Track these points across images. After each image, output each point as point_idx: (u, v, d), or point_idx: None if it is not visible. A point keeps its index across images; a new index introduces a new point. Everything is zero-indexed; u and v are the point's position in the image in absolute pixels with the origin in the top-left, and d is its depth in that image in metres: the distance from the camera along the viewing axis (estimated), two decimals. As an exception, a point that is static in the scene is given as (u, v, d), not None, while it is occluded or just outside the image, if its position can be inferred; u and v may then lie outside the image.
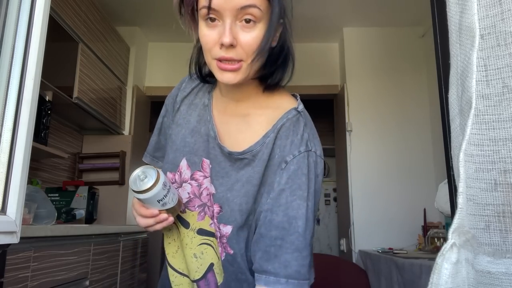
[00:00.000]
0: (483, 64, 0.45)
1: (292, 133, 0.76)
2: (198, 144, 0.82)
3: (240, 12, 0.69)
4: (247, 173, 0.76)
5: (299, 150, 0.75)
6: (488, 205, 0.46)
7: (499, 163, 0.45)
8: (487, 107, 0.45)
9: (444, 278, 0.42)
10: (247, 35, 0.70)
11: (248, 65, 0.72)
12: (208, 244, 0.79)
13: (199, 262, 0.79)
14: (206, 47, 0.73)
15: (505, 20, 0.44)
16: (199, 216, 0.81)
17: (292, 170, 0.74)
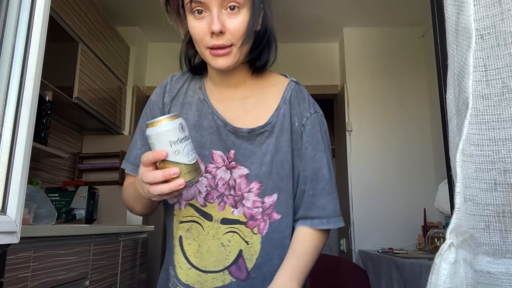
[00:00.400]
0: (483, 64, 0.45)
1: (301, 100, 0.88)
2: (204, 137, 0.85)
3: (224, 0, 0.75)
4: (271, 144, 0.83)
5: (310, 112, 0.88)
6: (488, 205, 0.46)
7: (499, 163, 0.45)
8: (487, 107, 0.45)
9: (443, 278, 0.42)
10: (234, 21, 0.76)
11: (238, 49, 0.78)
12: (233, 232, 0.83)
13: (228, 250, 0.82)
14: (198, 37, 0.78)
15: (505, 20, 0.44)
16: (219, 207, 0.83)
17: (308, 129, 0.86)
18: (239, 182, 0.83)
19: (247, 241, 0.82)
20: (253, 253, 0.82)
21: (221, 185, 0.83)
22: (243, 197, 0.83)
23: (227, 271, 0.81)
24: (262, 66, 0.88)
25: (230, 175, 0.83)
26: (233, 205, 0.83)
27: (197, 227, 0.84)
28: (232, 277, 0.81)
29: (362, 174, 3.24)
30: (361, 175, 3.23)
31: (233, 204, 0.83)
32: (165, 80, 0.96)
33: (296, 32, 3.58)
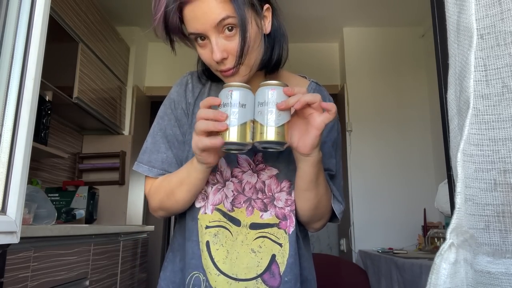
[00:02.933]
0: (483, 64, 0.45)
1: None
2: None
3: (218, 26, 0.74)
4: None
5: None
6: (488, 205, 0.46)
7: (498, 163, 0.45)
8: (487, 107, 0.45)
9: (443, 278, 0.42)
10: (233, 43, 0.76)
11: (246, 65, 0.78)
12: (264, 237, 0.81)
13: (259, 256, 0.80)
14: (207, 63, 0.81)
15: (505, 20, 0.44)
16: (247, 212, 0.82)
17: (329, 127, 0.87)
18: (268, 184, 0.82)
19: (280, 244, 0.80)
20: (285, 255, 0.80)
21: (248, 189, 0.82)
22: (274, 197, 0.82)
23: (260, 279, 0.79)
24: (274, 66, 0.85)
25: (257, 178, 0.83)
26: (261, 209, 0.82)
27: (224, 232, 0.81)
28: (266, 285, 0.78)
29: (362, 174, 3.24)
30: (361, 175, 3.23)
31: (262, 208, 0.82)
32: (184, 78, 0.93)
33: (296, 32, 3.58)
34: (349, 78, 3.44)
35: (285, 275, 0.79)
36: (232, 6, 0.74)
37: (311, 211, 0.81)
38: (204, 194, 0.84)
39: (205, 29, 0.75)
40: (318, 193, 0.79)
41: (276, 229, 0.81)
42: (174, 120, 0.90)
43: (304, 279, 0.86)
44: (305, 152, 0.72)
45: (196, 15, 0.74)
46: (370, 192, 3.20)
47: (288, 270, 0.79)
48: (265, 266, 0.79)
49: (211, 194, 0.83)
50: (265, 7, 0.80)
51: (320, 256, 3.17)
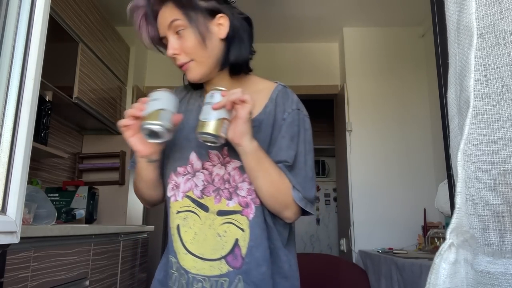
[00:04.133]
0: (482, 63, 0.45)
1: (285, 100, 0.97)
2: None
3: (170, 28, 0.91)
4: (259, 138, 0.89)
5: (292, 108, 0.96)
6: (488, 205, 0.46)
7: (498, 163, 0.45)
8: (486, 106, 0.45)
9: (442, 278, 0.42)
10: (182, 41, 0.91)
11: (197, 62, 0.92)
12: (229, 223, 0.89)
13: (224, 240, 0.88)
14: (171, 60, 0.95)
15: (504, 19, 0.44)
16: (215, 200, 0.91)
17: (288, 122, 0.94)
18: (233, 174, 0.91)
19: (242, 229, 0.89)
20: (246, 239, 0.88)
21: (217, 180, 0.91)
22: (237, 187, 0.90)
23: (224, 260, 0.87)
24: (234, 68, 0.97)
25: (224, 170, 0.91)
26: (227, 197, 0.90)
27: (193, 216, 0.92)
28: (228, 266, 0.87)
29: (362, 174, 3.24)
30: (361, 175, 3.23)
31: (228, 197, 0.90)
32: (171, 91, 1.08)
33: (296, 32, 3.58)
34: (349, 78, 3.43)
35: (247, 257, 0.87)
36: (180, 12, 0.90)
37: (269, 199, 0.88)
38: (175, 185, 0.95)
39: (163, 32, 0.92)
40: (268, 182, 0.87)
41: (239, 215, 0.89)
42: None
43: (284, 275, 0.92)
44: (236, 141, 0.82)
45: (159, 21, 0.93)
46: (370, 192, 3.20)
47: (249, 253, 0.87)
48: (229, 249, 0.88)
49: (182, 183, 0.94)
50: (218, 16, 0.93)
51: (320, 256, 3.17)
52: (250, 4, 3.13)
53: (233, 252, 0.88)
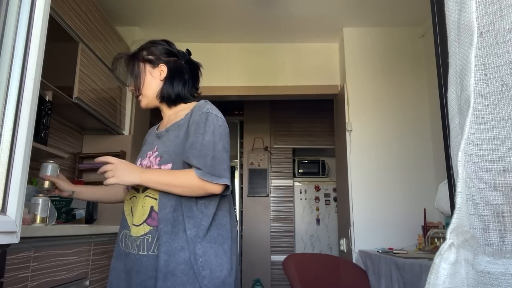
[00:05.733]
0: (482, 62, 0.45)
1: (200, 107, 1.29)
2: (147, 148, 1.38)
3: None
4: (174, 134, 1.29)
5: (203, 110, 1.28)
6: (488, 204, 0.46)
7: (498, 163, 0.44)
8: (486, 106, 0.45)
9: (442, 278, 0.42)
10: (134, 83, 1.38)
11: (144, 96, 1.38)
12: (147, 196, 1.24)
13: (144, 209, 1.23)
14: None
15: (504, 17, 0.44)
16: None
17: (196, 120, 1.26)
18: (152, 161, 1.28)
19: (155, 198, 1.22)
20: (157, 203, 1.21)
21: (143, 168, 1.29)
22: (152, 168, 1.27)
23: (145, 223, 1.22)
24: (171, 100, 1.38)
25: (148, 160, 1.30)
26: None
27: (134, 199, 1.29)
28: (149, 226, 1.21)
29: (362, 174, 3.24)
30: (361, 175, 3.23)
31: None
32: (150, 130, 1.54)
33: (296, 32, 3.58)
34: (349, 78, 3.43)
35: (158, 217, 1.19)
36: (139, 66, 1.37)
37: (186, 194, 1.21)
38: None
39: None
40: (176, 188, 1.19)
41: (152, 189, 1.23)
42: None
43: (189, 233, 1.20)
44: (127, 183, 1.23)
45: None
46: (370, 192, 3.20)
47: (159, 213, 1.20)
48: (147, 215, 1.22)
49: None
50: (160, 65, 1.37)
51: (320, 256, 3.17)
52: (250, 4, 3.13)
53: (150, 216, 1.22)
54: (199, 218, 1.21)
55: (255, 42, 3.71)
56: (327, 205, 5.11)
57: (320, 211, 5.08)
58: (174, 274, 1.14)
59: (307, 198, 5.11)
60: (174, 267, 1.15)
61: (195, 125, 1.25)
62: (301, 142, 5.08)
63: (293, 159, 5.14)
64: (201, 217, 1.21)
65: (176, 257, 1.16)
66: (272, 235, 4.83)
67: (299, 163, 5.21)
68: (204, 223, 1.21)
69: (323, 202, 5.12)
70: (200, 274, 1.15)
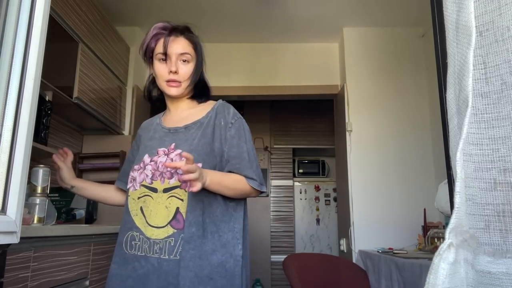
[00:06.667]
0: (482, 61, 0.45)
1: (225, 110, 1.30)
2: (154, 143, 1.29)
3: (180, 55, 1.27)
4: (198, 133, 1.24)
5: (237, 117, 1.30)
6: (488, 204, 0.46)
7: (498, 162, 0.44)
8: (486, 105, 0.44)
9: (441, 278, 0.42)
10: (184, 68, 1.28)
11: (185, 84, 1.28)
12: (172, 196, 1.18)
13: (169, 210, 1.17)
14: (159, 74, 1.28)
15: (503, 15, 0.43)
16: (161, 181, 1.21)
17: (237, 127, 1.27)
18: (174, 159, 1.20)
19: (181, 199, 1.17)
20: (185, 207, 1.16)
21: (160, 166, 1.22)
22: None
23: (169, 225, 1.16)
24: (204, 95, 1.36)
25: (167, 158, 1.22)
26: (169, 177, 1.19)
27: (148, 198, 1.21)
28: (173, 229, 1.15)
29: (362, 174, 3.23)
30: (361, 175, 3.23)
31: (169, 176, 1.19)
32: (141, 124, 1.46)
33: (296, 32, 3.58)
34: (349, 78, 3.43)
35: (187, 220, 1.14)
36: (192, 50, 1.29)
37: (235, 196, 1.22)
38: (132, 178, 1.27)
39: (171, 53, 1.25)
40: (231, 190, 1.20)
41: (178, 189, 1.18)
42: (133, 147, 1.42)
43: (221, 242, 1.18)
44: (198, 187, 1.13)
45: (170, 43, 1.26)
46: (370, 192, 3.20)
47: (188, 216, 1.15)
48: (172, 216, 1.16)
49: (137, 176, 1.25)
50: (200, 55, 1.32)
51: (320, 256, 3.17)
52: (250, 4, 3.13)
53: (175, 218, 1.16)
54: (232, 221, 1.21)
55: (255, 42, 3.71)
56: (327, 205, 5.11)
57: (320, 211, 5.08)
58: (211, 277, 1.12)
59: (307, 198, 5.11)
60: (210, 271, 1.12)
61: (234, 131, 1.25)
62: (301, 142, 5.08)
63: (293, 159, 5.14)
64: (234, 220, 1.22)
65: (209, 260, 1.13)
66: (272, 235, 4.83)
67: (299, 163, 5.21)
68: (237, 225, 1.22)
69: (323, 202, 5.12)
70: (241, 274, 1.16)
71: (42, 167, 1.58)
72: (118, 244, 1.24)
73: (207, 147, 1.22)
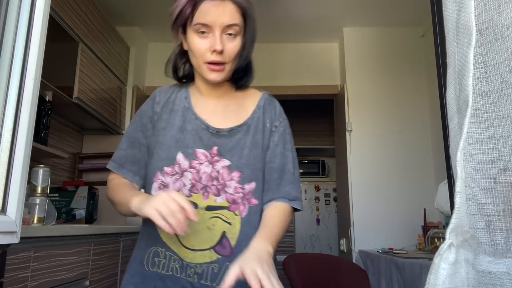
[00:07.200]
0: (482, 60, 0.45)
1: (272, 107, 1.08)
2: (188, 138, 1.01)
3: (226, 28, 0.94)
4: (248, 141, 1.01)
5: (282, 117, 1.08)
6: (488, 204, 0.46)
7: (498, 162, 0.44)
8: (486, 104, 0.44)
9: (442, 278, 0.42)
10: (231, 44, 0.96)
11: (229, 67, 0.98)
12: (217, 217, 0.97)
13: (212, 232, 0.97)
14: (199, 52, 0.95)
15: (502, 13, 0.43)
16: (203, 197, 0.98)
17: (281, 131, 1.06)
18: (222, 173, 0.98)
19: (229, 223, 0.97)
20: (235, 232, 0.97)
21: (204, 177, 0.98)
22: (225, 185, 0.98)
23: (213, 250, 0.96)
24: (244, 84, 1.09)
25: (212, 168, 0.98)
26: (215, 193, 0.98)
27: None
28: (217, 254, 0.96)
29: (362, 174, 3.23)
30: (361, 175, 3.23)
31: (215, 193, 0.98)
32: (154, 93, 1.10)
33: (296, 32, 3.57)
34: (349, 78, 3.43)
35: (235, 248, 0.96)
36: (242, 19, 0.97)
37: None
38: (162, 184, 1.00)
39: (214, 24, 0.92)
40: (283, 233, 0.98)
41: (226, 211, 0.97)
42: (140, 126, 1.07)
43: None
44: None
45: (212, 10, 0.92)
46: (370, 192, 3.20)
47: (237, 245, 0.96)
48: (217, 240, 0.97)
49: (170, 183, 0.99)
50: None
51: (320, 256, 3.17)
52: (250, 4, 3.13)
53: (221, 243, 0.97)
54: None
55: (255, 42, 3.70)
56: (327, 205, 5.11)
57: (320, 211, 5.08)
58: None
59: (307, 198, 5.11)
60: None
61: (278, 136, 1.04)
62: (301, 142, 5.08)
63: (293, 159, 5.14)
64: None
65: None
66: (272, 235, 4.82)
67: (299, 163, 5.21)
68: None
69: (323, 202, 5.12)
70: None
71: (42, 167, 1.58)
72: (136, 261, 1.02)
73: (259, 160, 1.01)
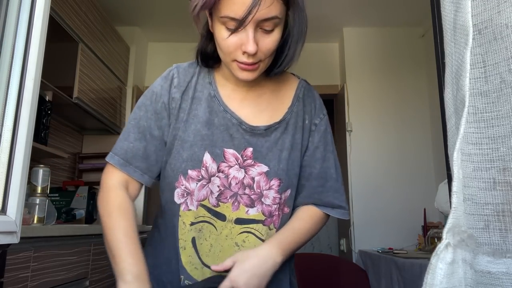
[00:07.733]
0: (482, 60, 0.45)
1: (312, 99, 0.91)
2: (216, 135, 0.82)
3: (262, 22, 0.72)
4: (287, 141, 0.84)
5: (323, 113, 0.92)
6: (487, 204, 0.46)
7: (498, 161, 0.45)
8: (486, 104, 0.45)
9: (439, 278, 0.42)
10: (267, 40, 0.74)
11: (264, 64, 0.78)
12: (248, 232, 0.81)
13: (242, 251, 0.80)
14: (227, 50, 0.75)
15: (501, 13, 0.44)
16: (233, 207, 0.82)
17: (322, 130, 0.89)
18: (258, 180, 0.81)
19: (263, 240, 0.81)
20: None
21: (234, 184, 0.81)
22: (262, 194, 0.82)
23: None
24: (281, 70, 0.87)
25: (244, 173, 0.81)
26: (248, 204, 0.81)
27: (208, 227, 0.81)
28: None
29: (362, 174, 3.23)
30: (361, 175, 3.23)
31: (248, 204, 0.81)
32: (170, 72, 0.88)
33: (296, 32, 3.57)
34: (349, 78, 3.43)
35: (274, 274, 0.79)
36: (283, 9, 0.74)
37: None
38: (186, 191, 0.82)
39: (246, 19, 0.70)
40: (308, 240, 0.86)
41: (261, 225, 0.82)
42: (151, 113, 0.85)
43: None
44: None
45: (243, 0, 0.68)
46: (370, 192, 3.20)
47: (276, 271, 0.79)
48: None
49: (196, 190, 0.81)
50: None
51: (320, 256, 3.17)
52: (250, 4, 3.13)
53: None
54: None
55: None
56: (327, 205, 5.11)
57: (320, 211, 5.07)
58: None
59: (307, 198, 5.11)
60: None
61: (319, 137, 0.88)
62: (301, 142, 5.07)
63: (293, 159, 5.14)
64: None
65: None
66: (272, 235, 4.82)
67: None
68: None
69: (323, 202, 5.12)
70: None
71: (42, 167, 1.58)
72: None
73: (298, 164, 0.86)
